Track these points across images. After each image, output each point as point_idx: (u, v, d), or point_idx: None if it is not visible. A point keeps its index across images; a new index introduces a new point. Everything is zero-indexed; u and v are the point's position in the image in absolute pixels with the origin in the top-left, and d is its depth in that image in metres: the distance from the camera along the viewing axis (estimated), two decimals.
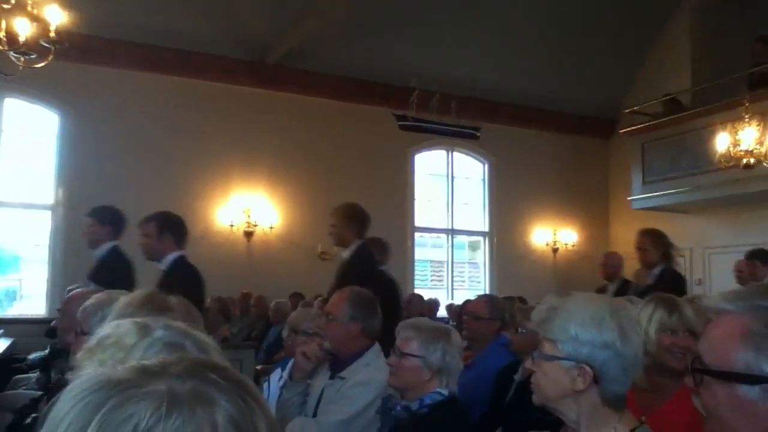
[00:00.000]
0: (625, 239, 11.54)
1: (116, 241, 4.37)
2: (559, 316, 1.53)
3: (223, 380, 0.70)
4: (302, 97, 9.50)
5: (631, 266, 6.99)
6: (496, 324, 3.91)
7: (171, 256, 4.13)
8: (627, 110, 10.68)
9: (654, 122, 10.08)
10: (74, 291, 2.87)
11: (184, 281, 3.83)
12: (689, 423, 1.90)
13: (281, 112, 9.36)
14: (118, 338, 1.22)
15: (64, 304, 2.79)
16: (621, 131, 10.87)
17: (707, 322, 1.25)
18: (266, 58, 9.21)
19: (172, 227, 4.20)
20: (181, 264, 4.17)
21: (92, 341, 1.25)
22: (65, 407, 0.68)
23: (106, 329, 1.26)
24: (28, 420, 2.62)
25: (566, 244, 11.33)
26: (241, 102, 9.15)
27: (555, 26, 10.19)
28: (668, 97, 10.04)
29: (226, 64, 9.02)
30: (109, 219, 4.44)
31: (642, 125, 10.29)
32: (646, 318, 2.24)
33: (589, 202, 11.58)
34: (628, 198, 10.51)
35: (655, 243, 5.27)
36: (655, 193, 10.05)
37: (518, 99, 10.73)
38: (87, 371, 0.76)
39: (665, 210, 10.31)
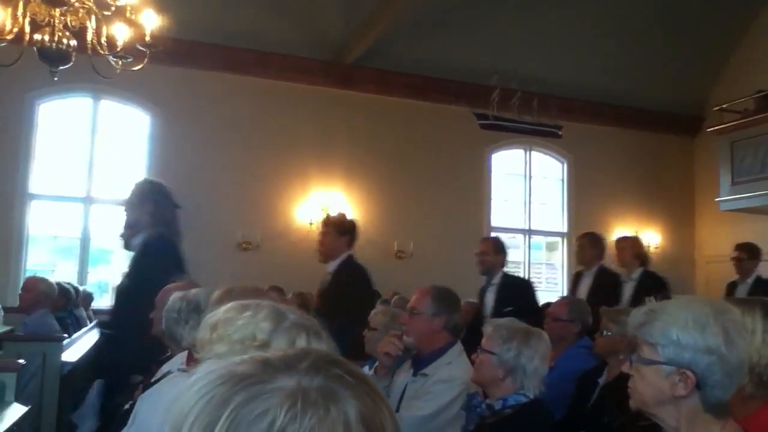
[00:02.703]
0: (711, 241, 11.10)
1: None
2: (659, 319, 1.49)
3: (349, 376, 0.68)
4: (378, 96, 9.57)
5: (717, 270, 6.77)
6: (576, 326, 3.86)
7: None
8: (715, 107, 10.26)
9: (744, 120, 9.64)
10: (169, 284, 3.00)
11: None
12: None
13: (358, 112, 9.46)
14: (255, 324, 1.28)
15: (159, 295, 2.92)
16: (708, 129, 10.45)
17: None
18: (343, 58, 9.32)
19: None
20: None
21: (215, 325, 1.31)
22: (189, 402, 0.66)
23: (229, 314, 1.33)
24: (126, 406, 2.76)
25: (649, 246, 10.96)
26: (319, 101, 9.30)
27: (639, 19, 9.88)
28: (760, 94, 9.59)
29: (304, 65, 9.18)
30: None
31: (731, 123, 9.86)
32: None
33: (673, 202, 11.17)
34: (716, 199, 10.09)
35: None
36: (744, 195, 9.60)
37: (599, 96, 10.46)
38: (206, 364, 0.77)
39: (755, 212, 9.84)
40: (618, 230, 10.94)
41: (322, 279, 4.62)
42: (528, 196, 10.80)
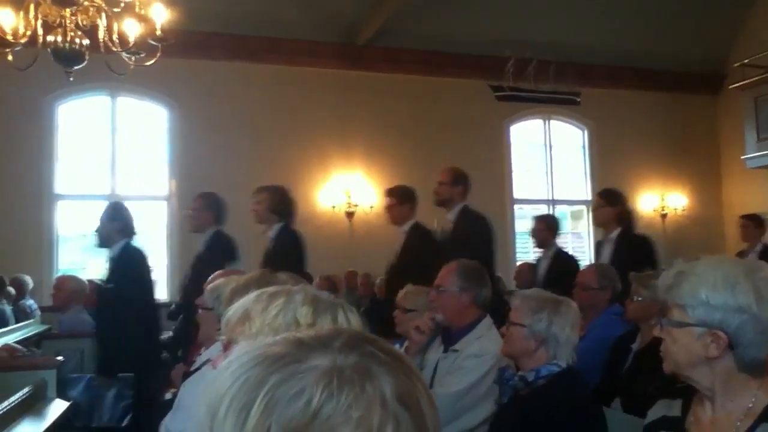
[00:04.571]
0: (739, 200, 10.91)
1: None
2: (687, 280, 1.47)
3: (382, 353, 0.68)
4: (393, 75, 9.50)
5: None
6: (607, 293, 3.83)
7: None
8: (736, 64, 10.04)
9: (766, 74, 9.43)
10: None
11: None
12: None
13: (374, 92, 9.42)
14: (295, 309, 1.29)
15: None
16: (731, 86, 10.24)
17: None
18: (356, 39, 9.27)
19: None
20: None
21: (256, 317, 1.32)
22: (224, 384, 0.66)
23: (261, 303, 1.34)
24: (169, 395, 2.81)
25: (675, 209, 10.84)
26: (335, 84, 9.27)
27: None
28: None
29: (317, 48, 9.14)
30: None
31: (754, 78, 9.65)
32: None
33: (698, 163, 10.99)
34: (742, 157, 9.92)
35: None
36: None
37: (617, 59, 10.27)
38: (239, 346, 0.77)
39: None
40: (644, 194, 10.83)
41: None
42: (550, 166, 10.69)
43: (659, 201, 10.82)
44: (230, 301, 1.65)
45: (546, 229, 5.80)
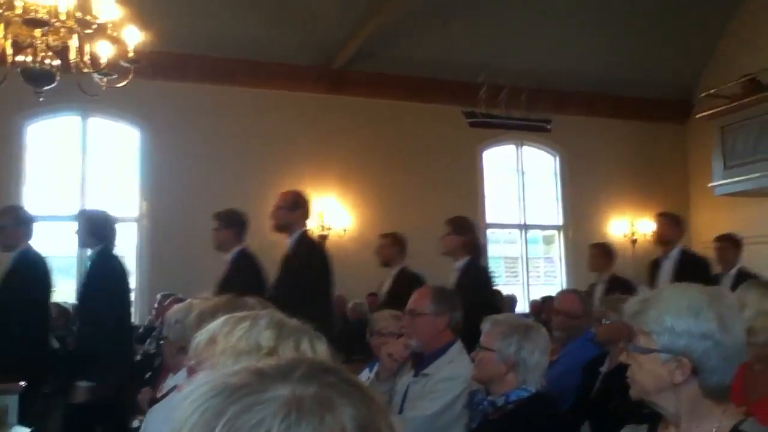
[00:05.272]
0: (707, 227, 11.08)
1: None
2: (653, 307, 1.49)
3: (344, 383, 0.67)
4: (368, 99, 9.56)
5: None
6: (588, 319, 3.86)
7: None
8: (704, 93, 10.28)
9: (733, 104, 9.65)
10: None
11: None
12: None
13: (350, 115, 9.45)
14: (258, 333, 1.29)
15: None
16: (698, 115, 10.47)
17: None
18: (332, 63, 9.32)
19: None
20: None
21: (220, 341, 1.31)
22: (183, 414, 0.66)
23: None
24: (137, 423, 2.77)
25: (645, 235, 10.98)
26: (311, 107, 9.29)
27: (624, 7, 9.87)
28: (747, 78, 9.59)
29: (294, 71, 9.17)
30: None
31: (720, 108, 9.88)
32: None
33: (667, 190, 11.19)
34: (710, 184, 10.11)
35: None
36: (738, 178, 9.60)
37: (588, 87, 10.46)
38: (199, 376, 0.76)
39: (750, 195, 9.86)
40: (614, 220, 10.98)
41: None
42: (522, 191, 10.81)
43: (629, 227, 10.98)
44: (197, 326, 1.63)
45: (391, 246, 5.67)
